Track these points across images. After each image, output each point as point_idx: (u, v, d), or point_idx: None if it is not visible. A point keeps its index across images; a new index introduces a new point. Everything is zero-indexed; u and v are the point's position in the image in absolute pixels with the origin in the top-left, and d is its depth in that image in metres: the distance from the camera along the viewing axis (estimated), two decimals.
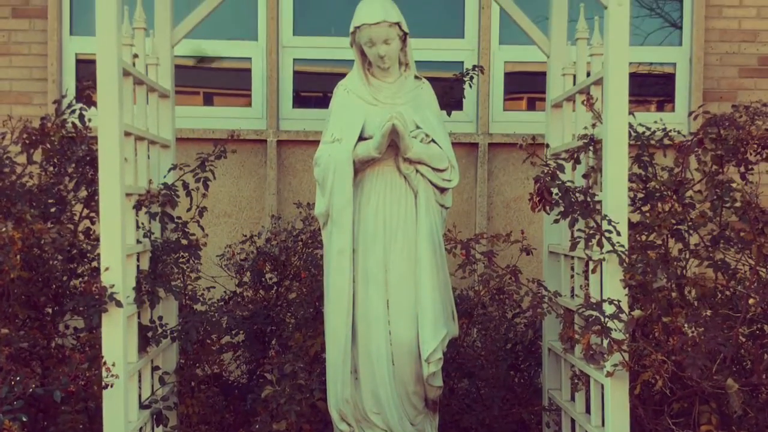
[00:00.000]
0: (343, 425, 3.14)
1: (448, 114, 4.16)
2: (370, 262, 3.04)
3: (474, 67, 4.32)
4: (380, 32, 3.02)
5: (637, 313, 2.75)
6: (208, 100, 5.14)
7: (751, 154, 3.05)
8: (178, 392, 3.44)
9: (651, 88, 5.21)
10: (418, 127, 3.09)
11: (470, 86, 4.33)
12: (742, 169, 3.04)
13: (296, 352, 3.39)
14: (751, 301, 2.74)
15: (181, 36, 3.49)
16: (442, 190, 3.14)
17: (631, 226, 2.96)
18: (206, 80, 5.16)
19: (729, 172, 3.10)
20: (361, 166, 3.05)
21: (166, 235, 3.31)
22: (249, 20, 4.95)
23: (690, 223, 3.05)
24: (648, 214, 3.06)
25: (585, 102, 3.08)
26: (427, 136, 3.09)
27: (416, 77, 3.22)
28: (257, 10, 4.93)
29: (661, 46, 5.05)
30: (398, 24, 3.05)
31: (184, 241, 3.30)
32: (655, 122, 3.24)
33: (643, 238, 3.05)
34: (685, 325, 2.71)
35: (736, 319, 2.84)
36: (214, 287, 4.01)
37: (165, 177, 3.39)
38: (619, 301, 2.74)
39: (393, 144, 3.01)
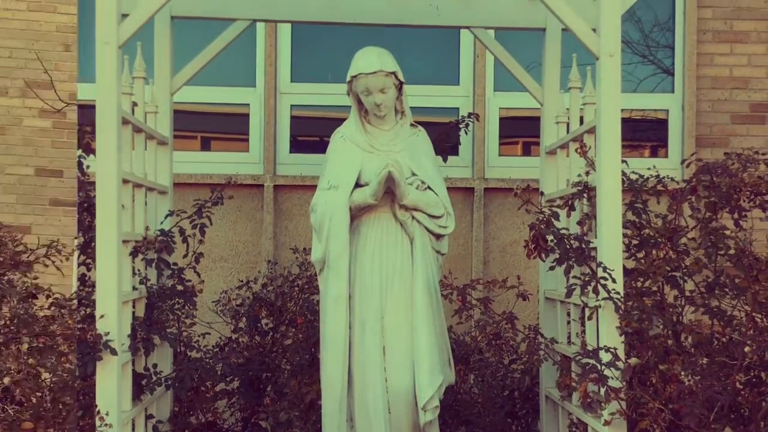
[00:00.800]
0: None
1: (444, 160, 4.20)
2: (367, 309, 3.05)
3: (470, 114, 4.38)
4: (377, 81, 3.07)
5: (633, 360, 2.74)
6: (205, 145, 5.18)
7: (744, 201, 3.07)
8: None
9: (644, 132, 5.27)
10: (414, 174, 3.13)
11: (466, 133, 4.38)
12: (736, 215, 3.06)
13: (292, 399, 3.37)
14: (747, 348, 2.74)
15: (181, 84, 3.56)
16: (438, 236, 3.17)
17: (627, 272, 2.96)
18: (204, 124, 5.21)
19: (722, 219, 3.12)
20: (357, 213, 3.08)
21: (162, 282, 3.30)
22: (247, 67, 5.02)
23: (685, 270, 3.06)
24: (643, 261, 3.07)
25: (578, 150, 3.12)
26: (423, 183, 3.12)
27: (412, 125, 3.27)
28: (255, 57, 5.00)
29: (654, 93, 5.12)
30: (394, 73, 3.11)
31: (180, 287, 3.30)
32: (649, 169, 3.28)
33: (639, 284, 3.05)
34: (682, 373, 2.70)
35: (733, 367, 2.83)
36: (209, 333, 3.99)
37: (162, 223, 3.41)
38: (615, 349, 2.73)
39: (389, 191, 3.04)
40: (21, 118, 5.10)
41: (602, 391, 2.74)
